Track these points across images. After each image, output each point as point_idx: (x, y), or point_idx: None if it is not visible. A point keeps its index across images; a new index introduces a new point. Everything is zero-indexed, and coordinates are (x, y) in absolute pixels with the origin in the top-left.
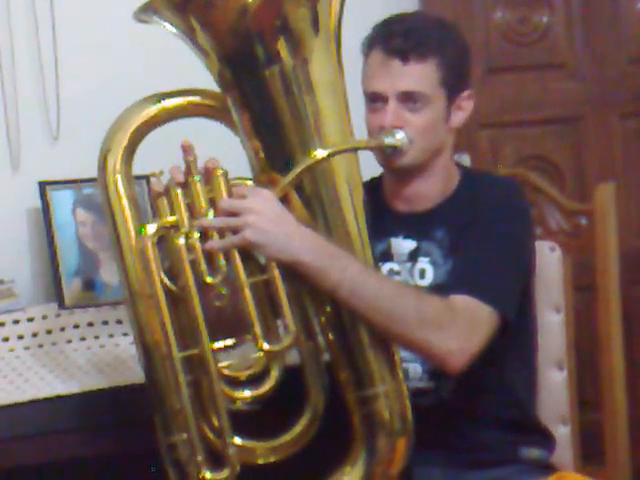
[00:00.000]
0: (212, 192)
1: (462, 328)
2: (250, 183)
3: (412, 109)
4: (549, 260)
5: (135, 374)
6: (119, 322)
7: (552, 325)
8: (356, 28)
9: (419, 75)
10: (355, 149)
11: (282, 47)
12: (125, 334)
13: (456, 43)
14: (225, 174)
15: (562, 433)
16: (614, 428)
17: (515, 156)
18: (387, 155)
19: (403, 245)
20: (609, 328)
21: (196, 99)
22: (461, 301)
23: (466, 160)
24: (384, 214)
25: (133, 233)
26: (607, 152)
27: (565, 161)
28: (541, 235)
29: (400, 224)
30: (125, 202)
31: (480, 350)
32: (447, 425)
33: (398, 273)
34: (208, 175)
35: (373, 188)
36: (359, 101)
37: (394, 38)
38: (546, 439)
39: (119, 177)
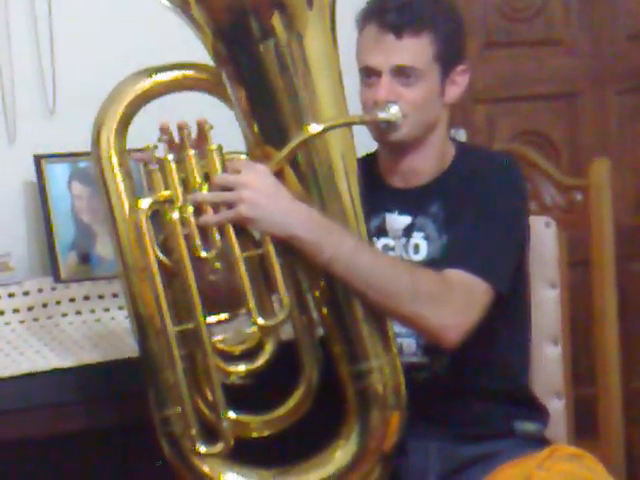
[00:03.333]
0: (206, 166)
1: (457, 303)
2: (244, 157)
3: (406, 84)
4: (544, 235)
5: (130, 348)
6: (115, 296)
7: (547, 300)
8: (351, 3)
9: (413, 50)
10: (349, 124)
11: (276, 22)
12: (121, 308)
13: (450, 18)
14: (220, 148)
15: (557, 407)
16: (608, 402)
17: (511, 131)
18: (381, 130)
19: (398, 220)
20: (604, 303)
21: (190, 73)
22: (456, 276)
23: (462, 135)
24: (379, 189)
25: (127, 207)
26: (603, 128)
27: (561, 137)
28: (536, 210)
29: (395, 199)
30: (119, 176)
31: (475, 325)
32: (441, 399)
33: (392, 248)
34: (202, 149)
35: (368, 163)
36: (354, 76)
37: (388, 13)
38: (540, 413)
39: (113, 151)
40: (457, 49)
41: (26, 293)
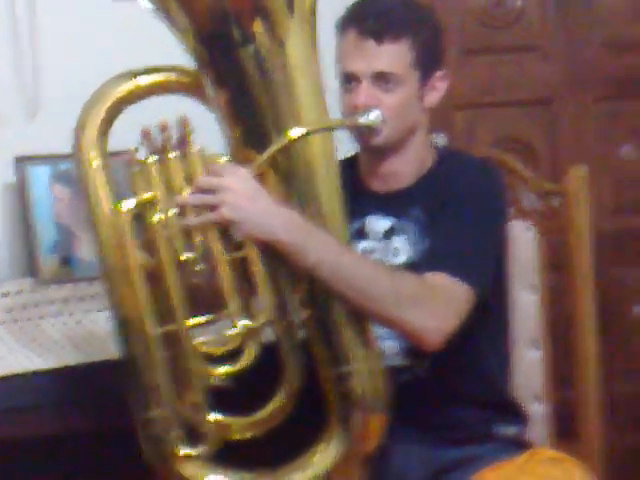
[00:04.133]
0: (188, 169)
1: (438, 305)
2: (226, 160)
3: (385, 89)
4: (524, 240)
5: (111, 350)
6: (95, 297)
7: (527, 304)
8: (331, 9)
9: (392, 55)
10: (330, 128)
11: (257, 27)
12: (101, 310)
13: (429, 24)
14: (201, 151)
15: (537, 411)
16: (587, 406)
17: (490, 137)
18: (362, 134)
19: (378, 223)
20: (583, 307)
21: (172, 76)
22: (437, 279)
23: (443, 140)
24: (359, 193)
25: (109, 209)
26: (581, 134)
27: (539, 142)
28: (515, 215)
29: (375, 203)
30: (100, 178)
31: (456, 327)
32: (423, 403)
33: (372, 251)
34: (184, 151)
35: (348, 167)
36: (334, 81)
37: (368, 19)
38: (520, 416)
39: (94, 153)
40: (436, 55)
41: (5, 294)
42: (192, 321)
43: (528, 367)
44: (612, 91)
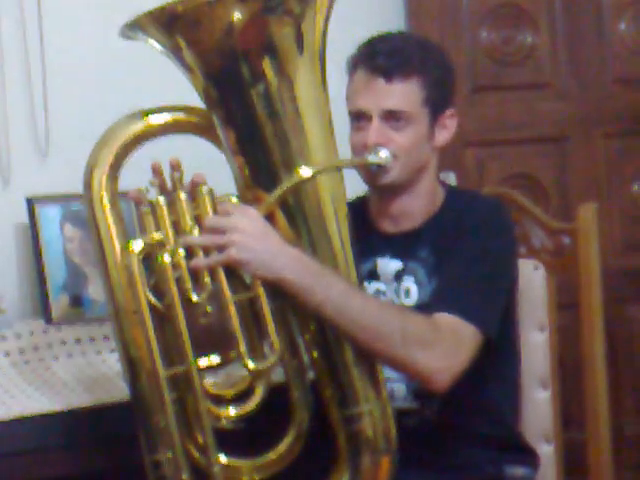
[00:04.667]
0: (198, 209)
1: (447, 347)
2: (235, 200)
3: (396, 127)
4: (533, 279)
5: (122, 391)
6: (106, 338)
7: (536, 344)
8: (341, 47)
9: (403, 94)
10: (340, 167)
11: (267, 66)
12: (112, 351)
13: (439, 62)
14: (211, 191)
15: (546, 451)
16: (597, 447)
17: (500, 175)
18: (372, 173)
19: (389, 265)
20: (593, 346)
21: (181, 116)
22: (445, 320)
23: (452, 179)
24: (370, 233)
25: (118, 249)
26: (591, 171)
27: (550, 180)
28: (525, 254)
29: (386, 244)
30: (110, 218)
31: (464, 368)
32: (432, 444)
33: (384, 293)
34: (194, 191)
35: (358, 207)
36: (344, 120)
37: (378, 57)
38: (530, 457)
39: (104, 193)
40: (446, 93)
41: (18, 335)
42: (202, 362)
43: (537, 407)
44: (622, 127)
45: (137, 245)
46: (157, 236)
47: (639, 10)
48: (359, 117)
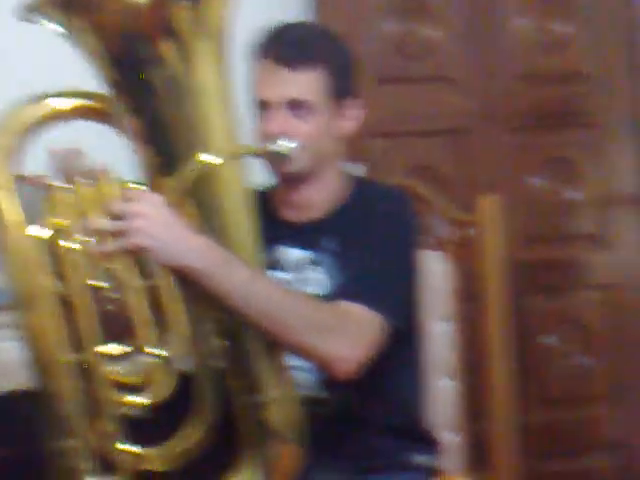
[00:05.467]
0: (102, 196)
1: (351, 335)
2: (142, 187)
3: (299, 117)
4: (438, 270)
5: (24, 379)
6: (6, 326)
7: (442, 334)
8: (246, 35)
9: (307, 83)
10: (240, 155)
11: (168, 51)
12: (13, 339)
13: (344, 53)
14: (115, 178)
15: (452, 440)
16: (501, 436)
17: (405, 166)
18: (275, 162)
19: (293, 254)
20: (496, 337)
21: (86, 102)
22: (351, 308)
23: (360, 170)
24: (274, 223)
25: (18, 234)
26: (494, 164)
27: (454, 172)
28: (430, 245)
29: (290, 233)
30: (10, 204)
31: (369, 357)
32: (340, 432)
33: (290, 283)
34: (98, 178)
35: (264, 196)
36: (249, 107)
37: (282, 47)
38: (433, 445)
39: (2, 178)
40: (350, 84)
41: None
42: (102, 348)
43: (443, 396)
44: (524, 122)
45: (37, 230)
46: (60, 221)
47: (541, 6)
48: (264, 106)
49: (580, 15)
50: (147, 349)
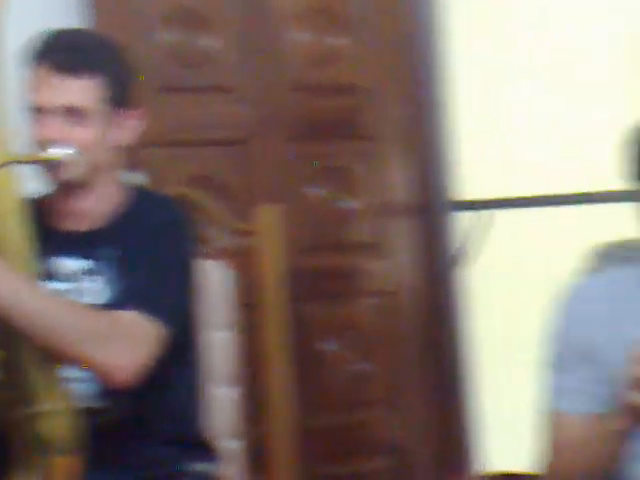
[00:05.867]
0: None
1: (126, 343)
2: None
3: (74, 124)
4: (218, 279)
5: None
6: None
7: (221, 342)
8: (19, 40)
9: (82, 90)
10: (9, 164)
11: None
12: None
13: (120, 61)
14: None
15: (232, 447)
16: (279, 440)
17: (184, 176)
18: (49, 170)
19: (68, 264)
20: (274, 344)
21: None
22: (127, 316)
23: (140, 179)
24: (50, 232)
25: None
26: (272, 174)
27: (234, 182)
28: (209, 255)
29: (67, 243)
30: None
31: (146, 365)
32: (119, 443)
33: (66, 293)
34: None
35: (38, 205)
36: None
37: (58, 53)
38: (211, 453)
39: None
40: (127, 93)
41: None
42: None
43: (223, 404)
44: (300, 133)
45: None
46: None
47: (315, 19)
48: (38, 112)
49: (353, 29)
50: None
